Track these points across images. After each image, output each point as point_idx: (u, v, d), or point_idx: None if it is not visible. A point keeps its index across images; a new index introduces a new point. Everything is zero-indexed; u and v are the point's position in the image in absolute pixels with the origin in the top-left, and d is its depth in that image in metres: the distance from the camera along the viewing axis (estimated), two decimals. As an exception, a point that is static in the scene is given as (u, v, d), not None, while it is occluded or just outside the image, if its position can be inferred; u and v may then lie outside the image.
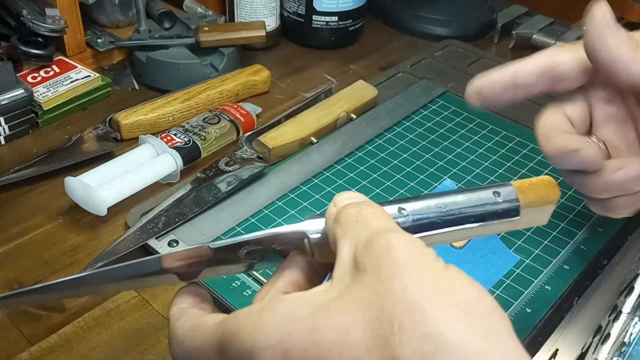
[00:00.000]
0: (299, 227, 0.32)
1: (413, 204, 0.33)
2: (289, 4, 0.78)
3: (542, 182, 0.36)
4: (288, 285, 0.32)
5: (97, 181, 0.53)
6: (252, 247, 0.33)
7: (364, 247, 0.28)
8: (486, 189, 0.35)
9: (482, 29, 0.84)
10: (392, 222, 0.30)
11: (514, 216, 0.35)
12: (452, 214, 0.34)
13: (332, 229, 0.31)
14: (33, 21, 0.63)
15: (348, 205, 0.31)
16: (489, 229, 0.35)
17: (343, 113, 0.64)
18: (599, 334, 0.45)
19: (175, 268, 0.32)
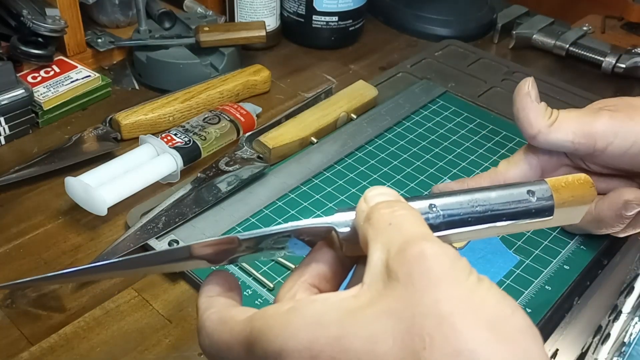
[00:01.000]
0: (328, 220, 0.32)
1: (444, 200, 0.32)
2: (289, 4, 0.78)
3: (578, 180, 0.35)
4: (315, 278, 0.32)
5: (97, 181, 0.53)
6: (280, 238, 0.32)
7: (397, 254, 0.27)
8: (520, 186, 0.34)
9: (482, 29, 0.84)
10: (426, 227, 0.30)
11: (548, 216, 0.34)
12: (484, 212, 0.33)
13: (363, 228, 0.30)
14: (33, 21, 0.63)
15: (380, 205, 0.30)
16: (519, 227, 0.34)
17: (343, 113, 0.64)
18: (599, 334, 0.45)
19: (204, 255, 0.33)
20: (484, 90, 0.71)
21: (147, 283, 0.49)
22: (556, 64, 0.79)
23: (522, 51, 0.81)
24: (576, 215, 0.36)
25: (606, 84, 0.75)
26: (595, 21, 0.83)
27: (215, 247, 0.32)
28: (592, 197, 0.36)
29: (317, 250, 0.33)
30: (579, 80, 0.75)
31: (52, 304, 0.47)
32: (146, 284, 0.49)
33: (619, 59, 0.74)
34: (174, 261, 0.33)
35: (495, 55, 0.80)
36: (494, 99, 0.70)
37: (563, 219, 0.35)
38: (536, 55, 0.80)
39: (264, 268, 0.49)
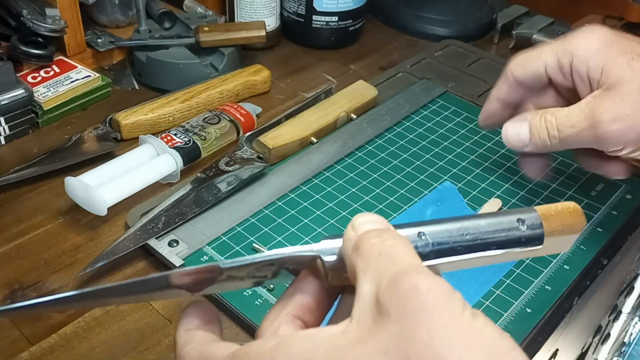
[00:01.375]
0: (313, 248, 0.31)
1: (433, 228, 0.32)
2: (289, 4, 0.78)
3: (567, 209, 0.35)
4: (299, 309, 0.30)
5: (97, 181, 0.53)
6: (264, 266, 0.31)
7: (388, 286, 0.26)
8: (509, 215, 0.33)
9: (482, 29, 0.84)
10: (417, 258, 0.28)
11: (538, 245, 0.33)
12: (473, 240, 0.32)
13: (352, 257, 0.29)
14: (33, 21, 0.63)
15: (369, 233, 0.29)
16: (510, 256, 0.34)
17: (343, 113, 0.64)
18: (599, 334, 0.45)
19: (183, 285, 0.31)
20: (484, 90, 0.71)
21: (147, 283, 0.49)
22: (556, 64, 0.79)
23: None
24: (565, 245, 0.36)
25: (606, 84, 0.75)
26: (595, 21, 0.83)
27: (194, 276, 0.31)
28: (582, 226, 0.35)
29: (301, 279, 0.31)
30: (579, 80, 0.75)
31: (52, 304, 0.47)
32: (146, 284, 0.49)
33: (619, 59, 0.74)
34: (151, 290, 0.31)
35: (495, 55, 0.80)
36: (494, 99, 0.70)
37: (552, 247, 0.35)
38: (536, 55, 0.80)
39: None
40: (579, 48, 0.47)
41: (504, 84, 0.52)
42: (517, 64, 0.51)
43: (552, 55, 0.48)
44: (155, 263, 0.50)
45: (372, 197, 0.56)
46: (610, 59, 0.45)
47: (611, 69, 0.45)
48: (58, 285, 0.48)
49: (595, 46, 0.46)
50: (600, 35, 0.46)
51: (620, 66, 0.45)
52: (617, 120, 0.44)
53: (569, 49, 0.47)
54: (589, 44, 0.46)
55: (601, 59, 0.45)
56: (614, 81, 0.45)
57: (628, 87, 0.44)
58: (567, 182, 0.58)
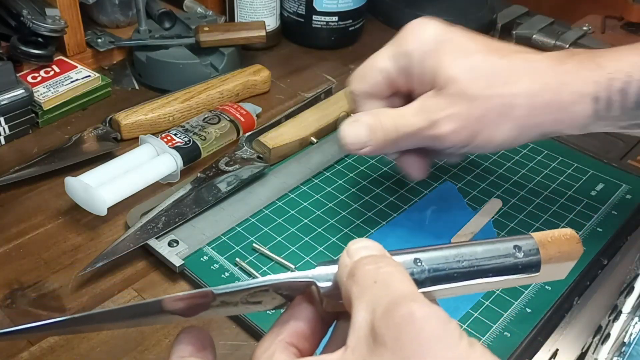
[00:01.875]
0: (308, 274, 0.31)
1: (430, 254, 0.32)
2: (289, 4, 0.78)
3: (564, 236, 0.35)
4: (293, 336, 0.30)
5: (97, 181, 0.53)
6: (257, 291, 0.31)
7: (383, 315, 0.26)
8: (506, 242, 0.33)
9: (482, 29, 0.84)
10: (413, 285, 0.28)
11: (535, 272, 0.33)
12: (469, 267, 0.32)
13: (347, 284, 0.29)
14: (33, 21, 0.63)
15: (365, 260, 0.29)
16: (506, 283, 0.34)
17: (343, 113, 0.64)
18: (599, 334, 0.45)
19: (176, 310, 0.31)
20: (484, 90, 0.71)
21: (147, 283, 0.49)
22: (556, 64, 0.79)
23: (522, 51, 0.81)
24: (562, 272, 0.36)
25: (606, 84, 0.75)
26: (595, 21, 0.83)
27: (188, 302, 0.31)
28: (579, 253, 0.35)
29: (295, 306, 0.31)
30: (579, 80, 0.75)
31: (52, 304, 0.47)
32: (146, 284, 0.49)
33: (619, 59, 0.74)
34: (144, 315, 0.31)
35: (495, 55, 0.80)
36: (494, 99, 0.70)
37: (550, 275, 0.35)
38: (536, 55, 0.80)
39: (263, 268, 0.49)
40: (413, 49, 0.46)
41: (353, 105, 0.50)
42: (355, 79, 0.49)
43: (390, 61, 0.47)
44: (155, 263, 0.50)
45: (372, 197, 0.56)
46: (441, 60, 0.44)
47: (441, 70, 0.44)
48: (58, 285, 0.48)
49: (427, 46, 0.45)
50: (432, 33, 0.46)
51: (448, 67, 0.44)
52: (451, 120, 0.44)
53: (404, 50, 0.46)
54: (422, 43, 0.45)
55: (432, 59, 0.45)
56: (445, 82, 0.44)
57: (457, 87, 0.44)
58: (567, 182, 0.58)
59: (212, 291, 0.30)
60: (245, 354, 0.43)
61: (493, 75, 0.44)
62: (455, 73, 0.44)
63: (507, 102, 0.44)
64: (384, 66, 0.47)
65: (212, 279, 0.48)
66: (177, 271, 0.48)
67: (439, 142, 0.46)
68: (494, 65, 0.44)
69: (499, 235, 0.52)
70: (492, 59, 0.44)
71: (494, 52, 0.45)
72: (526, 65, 0.44)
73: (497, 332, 0.45)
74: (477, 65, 0.44)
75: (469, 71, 0.44)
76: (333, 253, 0.50)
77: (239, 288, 0.30)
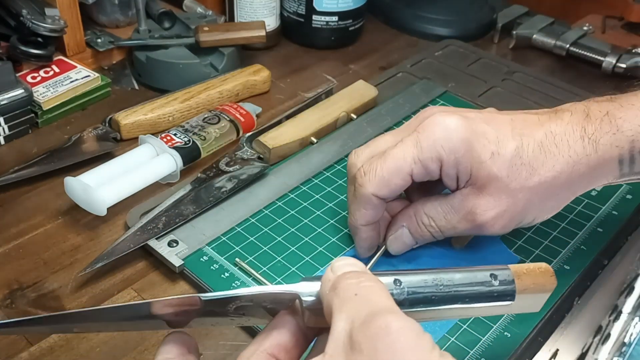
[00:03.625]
0: (293, 288, 0.32)
1: (410, 278, 0.34)
2: (289, 3, 0.77)
3: (539, 269, 0.37)
4: (275, 347, 0.32)
5: (96, 181, 0.53)
6: (243, 303, 0.32)
7: (361, 325, 0.28)
8: (484, 270, 0.35)
9: (482, 29, 0.84)
10: (391, 300, 0.30)
11: (509, 300, 0.35)
12: (447, 292, 0.34)
13: (328, 297, 0.30)
14: (33, 21, 0.63)
15: (347, 275, 0.31)
16: (481, 310, 0.36)
17: (343, 113, 0.64)
18: (600, 334, 0.45)
19: (164, 315, 0.32)
20: (484, 90, 0.71)
21: (147, 283, 0.49)
22: (556, 63, 0.79)
23: (522, 51, 0.81)
24: (537, 304, 0.38)
25: (606, 83, 0.75)
26: (596, 21, 0.83)
27: (176, 307, 0.32)
28: (553, 285, 0.37)
29: (279, 318, 0.33)
30: (579, 80, 0.75)
31: (51, 304, 0.47)
32: (146, 284, 0.48)
33: (619, 58, 0.74)
34: (133, 319, 0.33)
35: (495, 55, 0.80)
36: (494, 99, 0.70)
37: (524, 305, 0.37)
38: (536, 55, 0.80)
39: (264, 268, 0.49)
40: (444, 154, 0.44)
41: (370, 211, 0.46)
42: (377, 184, 0.45)
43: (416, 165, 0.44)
44: (155, 263, 0.50)
45: (372, 197, 0.56)
46: (478, 160, 0.43)
47: (480, 170, 0.44)
48: (57, 285, 0.48)
49: (460, 150, 0.43)
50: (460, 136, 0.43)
51: (487, 166, 0.43)
52: (497, 218, 0.44)
53: (435, 156, 0.44)
54: (453, 149, 0.44)
55: (468, 162, 0.44)
56: (485, 182, 0.44)
57: (499, 185, 0.44)
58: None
59: (199, 297, 0.32)
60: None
61: (530, 162, 0.43)
62: (496, 171, 0.43)
63: (549, 185, 0.44)
64: (411, 171, 0.44)
65: (212, 279, 0.47)
66: (176, 271, 0.48)
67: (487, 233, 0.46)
68: (528, 151, 0.44)
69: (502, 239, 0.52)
70: (525, 144, 0.44)
71: (521, 135, 0.44)
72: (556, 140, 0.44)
73: (498, 332, 0.45)
74: (513, 156, 0.43)
75: (509, 166, 0.43)
76: (333, 253, 0.50)
77: (225, 296, 0.32)
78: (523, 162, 0.43)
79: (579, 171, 0.44)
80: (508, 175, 0.43)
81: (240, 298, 0.32)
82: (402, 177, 0.45)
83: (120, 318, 0.33)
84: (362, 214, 0.46)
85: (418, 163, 0.44)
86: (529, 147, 0.44)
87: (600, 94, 0.72)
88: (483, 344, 0.44)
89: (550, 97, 0.70)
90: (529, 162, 0.43)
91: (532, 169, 0.44)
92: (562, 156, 0.44)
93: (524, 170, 0.44)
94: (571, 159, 0.44)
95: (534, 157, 0.44)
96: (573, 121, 0.44)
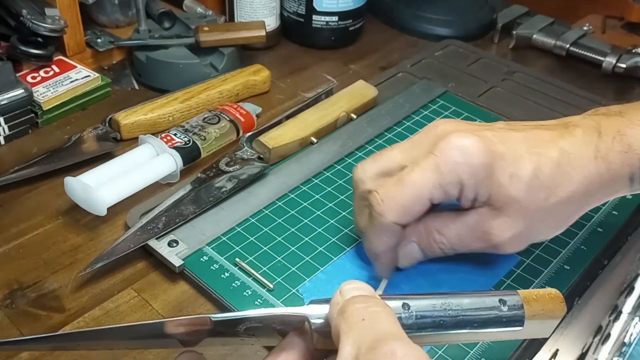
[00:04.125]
0: (302, 310, 0.33)
1: (418, 302, 0.34)
2: (289, 3, 0.77)
3: (549, 295, 0.37)
4: None
5: (96, 181, 0.53)
6: (252, 324, 0.33)
7: (368, 350, 0.28)
8: (493, 296, 0.35)
9: (483, 29, 0.84)
10: (398, 326, 0.30)
11: (518, 326, 0.35)
12: (455, 316, 0.34)
13: (336, 320, 0.31)
14: (33, 21, 0.63)
15: (355, 299, 0.31)
16: (490, 336, 0.36)
17: (343, 113, 0.64)
18: (600, 334, 0.45)
19: (176, 334, 0.33)
20: (484, 90, 0.71)
21: (146, 283, 0.49)
22: (556, 64, 0.79)
23: (523, 51, 0.81)
24: (546, 329, 0.37)
25: (606, 84, 0.75)
26: (596, 21, 0.83)
27: (187, 327, 0.32)
28: (562, 312, 0.37)
29: (288, 340, 0.33)
30: (579, 80, 0.75)
31: (51, 304, 0.47)
32: (146, 284, 0.48)
33: (619, 59, 0.74)
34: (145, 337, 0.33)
35: (495, 55, 0.80)
36: (494, 99, 0.70)
37: (533, 331, 0.36)
38: (536, 55, 0.80)
39: (264, 268, 0.49)
40: (465, 178, 0.43)
41: (390, 238, 0.45)
42: (397, 213, 0.44)
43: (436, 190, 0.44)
44: (155, 263, 0.50)
45: (372, 197, 0.56)
46: (496, 184, 0.43)
47: (499, 193, 0.43)
48: (58, 285, 0.48)
49: (480, 174, 0.43)
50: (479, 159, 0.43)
51: (505, 188, 0.43)
52: (513, 239, 0.44)
53: (455, 180, 0.43)
54: (474, 173, 0.43)
55: (487, 185, 0.43)
56: (503, 203, 0.44)
57: (516, 207, 0.43)
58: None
59: (210, 317, 0.32)
60: (245, 354, 0.43)
61: (547, 182, 0.43)
62: (515, 194, 0.43)
63: (565, 205, 0.44)
64: (431, 197, 0.44)
65: (212, 279, 0.47)
66: (177, 271, 0.48)
67: (497, 252, 0.46)
68: (545, 172, 0.43)
69: None
70: (542, 165, 0.44)
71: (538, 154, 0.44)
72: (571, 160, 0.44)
73: (498, 333, 0.45)
74: (531, 178, 0.43)
75: (527, 188, 0.43)
76: (333, 253, 0.50)
77: (235, 317, 0.32)
78: (541, 183, 0.43)
79: (592, 190, 0.44)
80: (526, 198, 0.43)
81: (250, 319, 0.32)
82: (422, 204, 0.44)
83: (130, 337, 0.33)
84: (382, 242, 0.45)
85: (438, 188, 0.44)
86: (546, 168, 0.43)
87: (600, 94, 0.72)
88: (483, 344, 0.44)
89: (550, 97, 0.70)
90: (546, 183, 0.43)
91: (550, 190, 0.44)
92: (577, 177, 0.44)
93: (541, 192, 0.43)
94: (585, 180, 0.44)
95: (551, 178, 0.43)
96: (586, 140, 0.44)
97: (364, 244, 0.48)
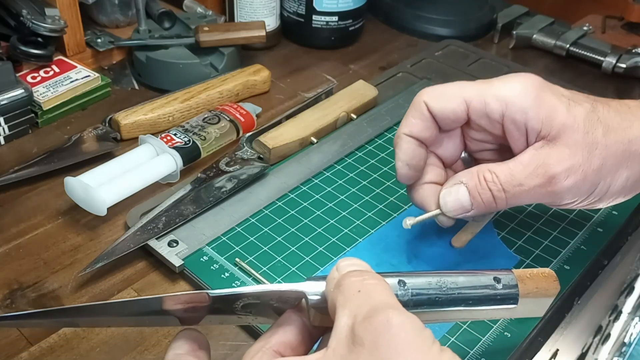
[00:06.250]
0: (299, 286, 0.33)
1: (414, 279, 0.34)
2: (289, 4, 0.77)
3: (543, 274, 0.38)
4: (280, 345, 0.32)
5: (96, 181, 0.53)
6: (250, 301, 0.33)
7: (364, 320, 0.28)
8: (487, 274, 0.36)
9: (483, 29, 0.84)
10: (393, 297, 0.31)
11: (512, 304, 0.36)
12: (451, 294, 0.35)
13: (333, 294, 0.31)
14: (33, 21, 0.63)
15: (351, 273, 0.32)
16: (484, 314, 0.36)
17: (343, 113, 0.64)
18: (600, 334, 0.45)
19: (175, 311, 0.33)
20: (484, 90, 0.71)
21: (147, 283, 0.49)
22: (556, 63, 0.79)
23: (523, 51, 0.81)
24: (540, 308, 0.38)
25: (606, 83, 0.75)
26: (596, 21, 0.83)
27: (185, 303, 0.33)
28: (556, 290, 0.38)
29: (285, 317, 0.34)
30: (579, 80, 0.75)
31: (51, 304, 0.47)
32: (146, 284, 0.49)
33: (619, 58, 0.74)
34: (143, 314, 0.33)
35: (495, 55, 0.80)
36: (494, 99, 0.70)
37: (527, 310, 0.37)
38: (536, 55, 0.80)
39: (264, 268, 0.49)
40: (514, 95, 0.42)
41: (417, 120, 0.44)
42: (434, 98, 0.44)
43: (477, 97, 0.43)
44: (155, 263, 0.50)
45: (372, 197, 0.56)
46: (551, 108, 0.41)
47: (554, 118, 0.41)
48: (58, 285, 0.48)
49: (531, 94, 0.42)
50: (533, 83, 0.42)
51: (562, 114, 0.41)
52: (571, 173, 0.41)
53: (501, 95, 0.42)
54: (525, 92, 0.42)
55: (541, 108, 0.41)
56: (559, 131, 0.41)
57: (574, 136, 0.41)
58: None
59: (207, 293, 0.33)
60: (245, 354, 0.43)
61: (606, 121, 0.42)
62: (572, 120, 0.41)
63: (625, 148, 0.42)
64: (470, 99, 0.43)
65: (212, 279, 0.47)
66: (177, 271, 0.48)
67: (557, 198, 0.42)
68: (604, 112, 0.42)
69: (499, 235, 0.52)
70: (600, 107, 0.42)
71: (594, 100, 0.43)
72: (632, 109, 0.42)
73: (498, 332, 0.45)
74: (589, 112, 0.41)
75: (585, 119, 0.41)
76: (333, 253, 0.50)
77: (233, 293, 0.33)
78: (599, 118, 0.41)
79: None
80: (584, 127, 0.41)
81: (247, 295, 0.33)
82: (459, 101, 0.43)
83: (129, 313, 0.33)
84: (408, 122, 0.45)
85: (480, 96, 0.42)
86: (604, 109, 0.42)
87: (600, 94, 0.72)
88: (483, 344, 0.44)
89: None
90: (605, 120, 0.41)
91: (608, 127, 0.41)
92: (638, 123, 0.42)
93: (600, 127, 0.41)
94: None
95: (610, 118, 0.42)
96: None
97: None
